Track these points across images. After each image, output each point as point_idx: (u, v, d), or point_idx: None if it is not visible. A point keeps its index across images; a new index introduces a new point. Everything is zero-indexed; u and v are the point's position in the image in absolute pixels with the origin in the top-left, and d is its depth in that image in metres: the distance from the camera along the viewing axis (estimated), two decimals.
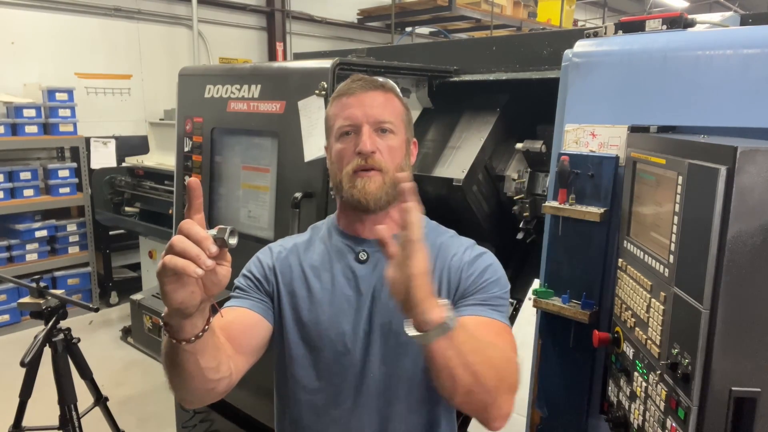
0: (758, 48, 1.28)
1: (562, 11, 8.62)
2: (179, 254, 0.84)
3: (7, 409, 2.56)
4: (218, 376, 1.06)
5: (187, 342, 0.95)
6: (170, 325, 0.95)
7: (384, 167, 1.21)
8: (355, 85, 1.26)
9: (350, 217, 1.29)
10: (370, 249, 1.27)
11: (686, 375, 1.06)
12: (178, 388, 1.07)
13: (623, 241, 1.39)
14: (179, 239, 0.86)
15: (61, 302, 2.44)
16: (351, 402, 1.24)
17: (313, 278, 1.27)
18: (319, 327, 1.24)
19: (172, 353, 0.99)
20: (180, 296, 0.88)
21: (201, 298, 0.91)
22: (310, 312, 1.25)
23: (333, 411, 1.25)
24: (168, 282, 0.87)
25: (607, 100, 1.50)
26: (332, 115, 1.27)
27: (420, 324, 0.94)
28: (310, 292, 1.26)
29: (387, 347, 1.23)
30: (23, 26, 5.40)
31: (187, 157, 2.69)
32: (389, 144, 1.23)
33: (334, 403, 1.24)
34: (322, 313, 1.24)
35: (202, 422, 2.77)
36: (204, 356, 1.00)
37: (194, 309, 0.92)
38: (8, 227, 5.08)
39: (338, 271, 1.27)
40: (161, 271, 0.86)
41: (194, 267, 0.84)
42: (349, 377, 1.23)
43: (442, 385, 1.00)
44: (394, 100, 1.28)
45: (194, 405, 1.13)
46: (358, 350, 1.23)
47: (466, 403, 1.03)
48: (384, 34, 8.94)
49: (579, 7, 11.60)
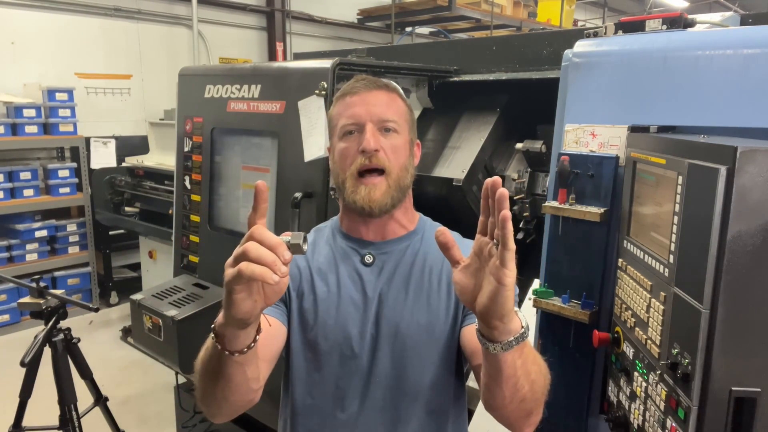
0: (758, 48, 1.28)
1: (562, 11, 8.62)
2: (255, 261, 0.81)
3: (7, 409, 2.56)
4: (258, 385, 1.06)
5: (240, 353, 0.93)
6: (224, 335, 0.92)
7: (387, 167, 1.20)
8: (359, 84, 1.25)
9: (353, 220, 1.28)
10: (375, 251, 1.26)
11: (686, 375, 1.06)
12: (219, 400, 1.03)
13: (623, 241, 1.39)
14: (254, 246, 0.82)
15: (61, 302, 2.44)
16: (357, 406, 1.23)
17: (319, 281, 1.26)
18: (326, 330, 1.23)
19: (220, 365, 0.95)
20: (248, 305, 0.86)
21: (262, 306, 0.88)
22: (317, 314, 1.24)
23: (340, 414, 1.23)
24: (239, 290, 0.84)
25: (607, 100, 1.50)
26: (335, 115, 1.27)
27: (501, 333, 0.89)
28: (317, 294, 1.25)
29: (395, 351, 1.22)
30: (23, 26, 5.40)
31: (187, 157, 2.69)
32: (393, 143, 1.22)
33: (341, 407, 1.23)
34: (329, 317, 1.23)
35: (202, 422, 2.77)
36: (250, 366, 0.99)
37: (256, 319, 0.90)
38: (8, 227, 5.08)
39: (344, 274, 1.26)
40: (234, 279, 0.83)
41: (271, 274, 0.81)
42: (355, 381, 1.22)
43: (500, 393, 0.97)
44: (398, 100, 1.27)
45: (227, 418, 1.09)
46: (365, 354, 1.22)
47: (515, 410, 1.00)
48: (384, 34, 8.94)
49: (579, 7, 11.60)
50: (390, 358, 1.22)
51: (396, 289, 1.23)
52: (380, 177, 1.20)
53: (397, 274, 1.24)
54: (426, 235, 1.30)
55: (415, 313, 1.22)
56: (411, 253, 1.26)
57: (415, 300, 1.22)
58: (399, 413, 1.22)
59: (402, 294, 1.23)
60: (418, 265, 1.25)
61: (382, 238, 1.27)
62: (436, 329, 1.22)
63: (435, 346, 1.22)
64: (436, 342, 1.22)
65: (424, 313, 1.22)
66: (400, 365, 1.21)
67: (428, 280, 1.24)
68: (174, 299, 2.40)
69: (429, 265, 1.25)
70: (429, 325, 1.22)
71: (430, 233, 1.30)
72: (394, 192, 1.21)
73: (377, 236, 1.27)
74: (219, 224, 2.60)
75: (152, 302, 2.39)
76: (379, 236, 1.27)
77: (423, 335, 1.21)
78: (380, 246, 1.27)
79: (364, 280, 1.25)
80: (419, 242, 1.28)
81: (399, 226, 1.28)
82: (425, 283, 1.24)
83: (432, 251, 1.25)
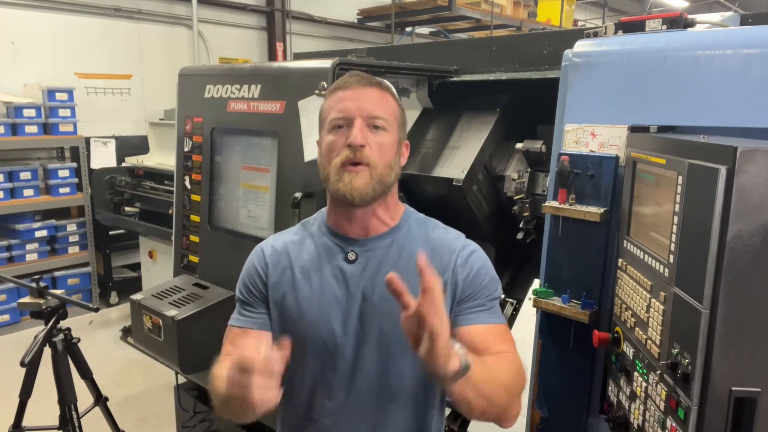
0: (758, 48, 1.28)
1: (562, 11, 8.62)
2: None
3: (7, 409, 2.56)
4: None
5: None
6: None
7: (372, 162, 1.21)
8: (351, 79, 1.26)
9: (338, 213, 1.30)
10: (358, 249, 1.28)
11: (686, 375, 1.06)
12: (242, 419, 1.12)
13: (623, 241, 1.39)
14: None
15: (61, 302, 2.44)
16: (344, 396, 1.27)
17: (303, 280, 1.28)
18: (310, 326, 1.26)
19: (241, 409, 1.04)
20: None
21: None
22: (301, 311, 1.27)
23: (327, 403, 1.28)
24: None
25: (607, 100, 1.50)
26: (326, 108, 1.28)
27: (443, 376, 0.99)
28: (299, 293, 1.28)
29: (379, 347, 1.24)
30: (23, 26, 5.40)
31: (187, 157, 2.69)
32: (380, 140, 1.23)
33: (328, 396, 1.28)
34: (311, 314, 1.26)
35: (202, 422, 2.77)
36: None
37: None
38: (8, 227, 5.08)
39: (327, 272, 1.28)
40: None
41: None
42: (341, 373, 1.26)
43: (461, 409, 1.10)
44: (390, 99, 1.28)
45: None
46: (348, 349, 1.25)
47: (481, 418, 1.12)
48: (384, 34, 8.94)
49: (579, 7, 11.60)
50: (375, 352, 1.24)
51: (380, 286, 1.24)
52: (364, 167, 1.21)
53: (381, 271, 1.25)
54: (411, 229, 1.31)
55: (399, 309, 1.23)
56: (396, 249, 1.28)
57: None
58: (384, 403, 1.27)
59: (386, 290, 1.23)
60: (404, 261, 1.26)
61: (365, 234, 1.29)
62: None
63: None
64: None
65: None
66: (384, 360, 1.25)
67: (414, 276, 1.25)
68: (174, 299, 2.40)
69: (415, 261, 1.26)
70: None
71: (415, 226, 1.32)
72: (376, 184, 1.21)
73: (360, 232, 1.28)
74: (219, 224, 2.60)
75: (152, 302, 2.39)
76: (362, 233, 1.28)
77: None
78: (364, 243, 1.28)
79: (347, 277, 1.26)
80: (404, 237, 1.30)
81: (381, 223, 1.30)
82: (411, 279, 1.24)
83: (418, 247, 1.27)
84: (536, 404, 1.65)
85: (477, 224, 2.44)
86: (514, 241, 2.31)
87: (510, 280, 2.60)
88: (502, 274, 2.52)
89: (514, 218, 2.31)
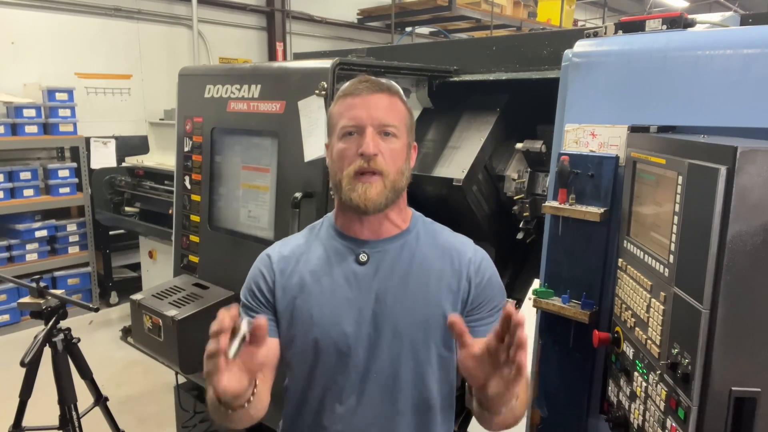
0: (758, 48, 1.28)
1: (562, 11, 8.62)
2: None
3: (7, 409, 2.56)
4: (265, 404, 1.18)
5: (241, 407, 1.07)
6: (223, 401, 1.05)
7: (384, 170, 1.21)
8: (361, 86, 1.25)
9: (348, 217, 1.29)
10: (370, 250, 1.27)
11: (686, 375, 1.06)
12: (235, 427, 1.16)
13: (623, 241, 1.39)
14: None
15: (61, 302, 2.44)
16: (355, 400, 1.25)
17: (313, 284, 1.27)
18: (322, 329, 1.24)
19: (227, 414, 1.09)
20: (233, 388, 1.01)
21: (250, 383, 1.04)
22: (310, 316, 1.25)
23: (338, 408, 1.26)
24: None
25: (607, 100, 1.50)
26: (336, 114, 1.27)
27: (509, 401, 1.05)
28: (310, 296, 1.26)
29: (393, 349, 1.23)
30: (23, 26, 5.40)
31: (187, 157, 2.69)
32: (391, 147, 1.23)
33: (339, 400, 1.26)
34: (322, 317, 1.25)
35: (202, 422, 2.77)
36: (254, 405, 1.11)
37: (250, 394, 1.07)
38: (8, 227, 5.08)
39: (338, 274, 1.27)
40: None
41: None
42: (352, 376, 1.24)
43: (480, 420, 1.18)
44: (399, 104, 1.28)
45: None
46: (361, 351, 1.23)
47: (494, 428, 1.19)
48: (384, 34, 8.94)
49: (579, 7, 11.60)
50: (388, 355, 1.23)
51: (393, 287, 1.24)
52: (377, 176, 1.21)
53: (394, 272, 1.25)
54: (421, 233, 1.31)
55: (414, 312, 1.23)
56: (408, 252, 1.28)
57: (414, 298, 1.24)
58: (396, 407, 1.25)
59: (400, 292, 1.24)
60: (416, 263, 1.26)
61: (377, 236, 1.28)
62: (434, 328, 1.24)
63: (433, 344, 1.24)
64: (433, 340, 1.24)
65: (422, 312, 1.24)
66: (397, 362, 1.24)
67: (426, 279, 1.26)
68: (174, 299, 2.40)
69: (427, 264, 1.27)
70: (427, 323, 1.23)
71: (424, 230, 1.33)
72: (389, 193, 1.22)
73: (372, 235, 1.28)
74: (219, 224, 2.60)
75: (152, 302, 2.39)
76: (373, 235, 1.28)
77: (420, 333, 1.23)
78: (375, 245, 1.28)
79: (359, 279, 1.26)
80: (415, 240, 1.30)
81: (393, 226, 1.30)
82: (423, 282, 1.25)
83: (429, 250, 1.28)
84: (536, 404, 1.65)
85: (477, 224, 2.45)
86: (514, 241, 2.32)
87: (510, 280, 2.60)
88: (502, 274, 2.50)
89: (514, 218, 2.31)
